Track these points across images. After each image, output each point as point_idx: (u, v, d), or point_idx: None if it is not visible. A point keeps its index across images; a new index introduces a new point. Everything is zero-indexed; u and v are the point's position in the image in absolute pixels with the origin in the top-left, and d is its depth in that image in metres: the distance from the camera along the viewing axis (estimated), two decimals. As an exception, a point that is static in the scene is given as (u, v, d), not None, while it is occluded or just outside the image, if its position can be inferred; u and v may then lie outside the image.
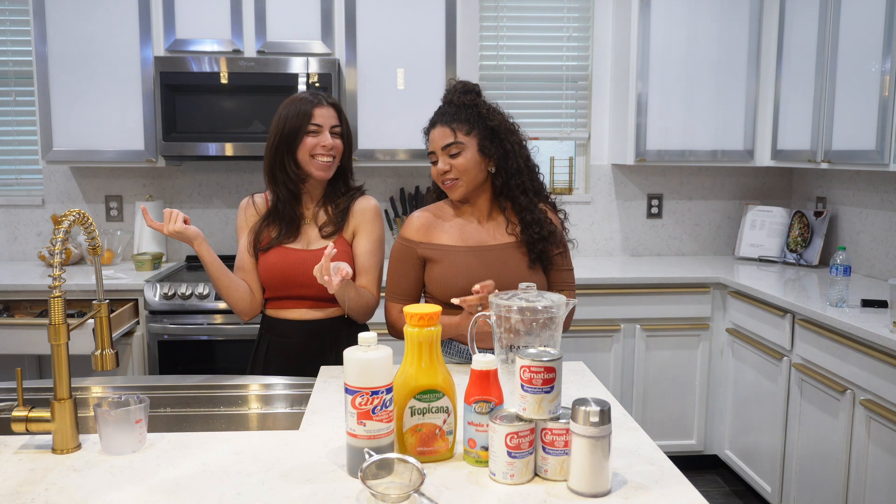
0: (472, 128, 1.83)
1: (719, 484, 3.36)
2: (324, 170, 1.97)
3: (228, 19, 3.24)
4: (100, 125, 3.27)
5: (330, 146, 1.96)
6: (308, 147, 1.94)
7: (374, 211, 2.04)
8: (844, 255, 2.61)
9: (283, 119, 1.95)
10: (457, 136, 1.82)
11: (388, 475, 1.17)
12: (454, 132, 1.82)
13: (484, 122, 1.85)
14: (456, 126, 1.83)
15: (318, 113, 1.94)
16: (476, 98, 1.88)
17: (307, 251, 1.98)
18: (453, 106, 1.86)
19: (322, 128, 1.95)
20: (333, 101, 2.00)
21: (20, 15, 3.56)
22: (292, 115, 1.94)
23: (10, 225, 3.66)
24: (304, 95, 1.98)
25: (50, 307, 1.32)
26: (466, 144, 1.82)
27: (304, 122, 1.93)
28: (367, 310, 1.99)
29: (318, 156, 1.95)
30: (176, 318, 3.03)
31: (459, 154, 1.82)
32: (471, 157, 1.82)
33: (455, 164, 1.82)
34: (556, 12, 3.79)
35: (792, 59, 3.30)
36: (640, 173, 3.86)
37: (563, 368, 1.24)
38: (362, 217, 2.03)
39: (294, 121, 1.93)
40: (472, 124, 1.84)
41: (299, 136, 1.93)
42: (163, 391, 1.77)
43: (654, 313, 3.28)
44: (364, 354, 1.21)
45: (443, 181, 1.85)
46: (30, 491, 1.18)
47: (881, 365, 2.26)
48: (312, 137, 1.94)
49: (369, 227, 2.03)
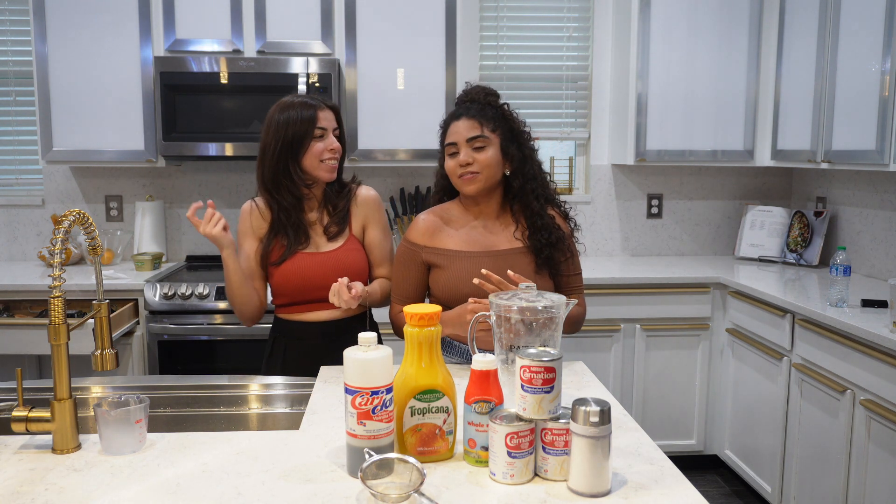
0: (496, 126, 1.85)
1: (719, 484, 3.36)
2: (331, 171, 1.98)
3: (228, 19, 3.25)
4: (100, 125, 3.27)
5: (337, 149, 1.97)
6: (317, 152, 1.93)
7: (377, 200, 2.08)
8: (844, 255, 2.61)
9: (283, 125, 1.92)
10: (483, 131, 1.83)
11: (388, 475, 1.17)
12: (481, 126, 1.83)
13: (508, 124, 1.87)
14: (482, 121, 1.84)
15: (322, 116, 1.94)
16: (498, 101, 1.91)
17: (321, 254, 1.99)
18: (477, 103, 1.88)
19: (327, 131, 1.95)
20: (332, 105, 2.00)
21: (20, 15, 3.56)
22: (295, 120, 1.91)
23: (10, 225, 3.66)
24: (302, 99, 1.96)
25: (50, 307, 1.32)
26: (491, 140, 1.84)
27: (310, 127, 1.92)
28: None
29: (326, 160, 1.95)
30: (176, 318, 3.03)
31: (484, 148, 1.82)
32: (493, 154, 1.83)
33: (478, 158, 1.82)
34: (556, 12, 3.79)
35: (792, 59, 3.30)
36: (640, 173, 3.86)
37: (563, 368, 1.24)
38: (367, 208, 2.05)
39: (299, 126, 1.91)
40: (497, 123, 1.86)
41: (306, 140, 1.92)
42: (163, 391, 1.77)
43: (654, 313, 3.28)
44: (364, 354, 1.21)
45: (461, 174, 1.83)
46: (30, 491, 1.18)
47: (881, 365, 2.26)
48: (320, 142, 1.94)
49: (377, 216, 2.06)
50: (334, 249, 1.99)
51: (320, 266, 1.96)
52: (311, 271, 1.96)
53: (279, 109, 1.95)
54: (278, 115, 1.94)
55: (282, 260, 1.97)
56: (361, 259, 2.03)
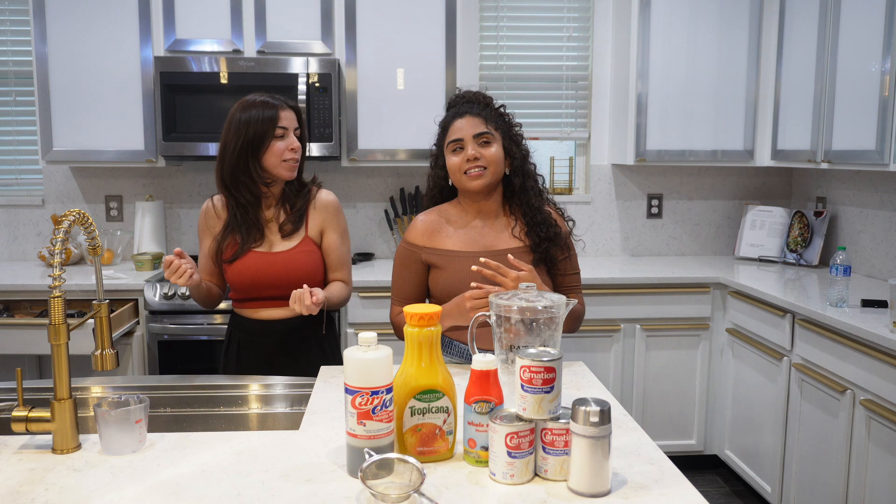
0: (497, 126, 1.89)
1: (719, 484, 3.36)
2: (292, 170, 2.00)
3: (228, 19, 3.25)
4: (100, 125, 3.27)
5: (297, 148, 1.99)
6: (277, 151, 1.96)
7: (336, 205, 2.10)
8: (844, 255, 2.61)
9: (245, 123, 1.94)
10: (488, 127, 1.86)
11: (388, 475, 1.17)
12: (486, 122, 1.87)
13: (507, 125, 1.92)
14: (487, 119, 1.88)
15: (283, 116, 1.97)
16: (493, 103, 1.95)
17: (274, 253, 2.01)
18: (478, 104, 1.92)
19: (288, 130, 1.98)
20: (294, 105, 2.03)
21: (20, 15, 3.56)
22: (256, 119, 1.94)
23: (10, 225, 3.66)
24: (263, 99, 1.98)
25: (50, 307, 1.32)
26: (496, 138, 1.87)
27: (270, 127, 1.95)
28: (345, 302, 2.10)
29: (287, 159, 1.97)
30: (176, 318, 3.03)
31: (490, 144, 1.85)
32: (498, 151, 1.87)
33: (485, 154, 1.84)
34: (556, 12, 3.79)
35: (792, 59, 3.30)
36: (640, 173, 3.86)
37: (563, 368, 1.24)
38: (326, 213, 2.07)
39: (260, 125, 1.94)
40: (498, 123, 1.90)
41: (266, 139, 1.95)
42: (163, 391, 1.77)
43: (654, 313, 3.28)
44: (364, 354, 1.21)
45: (468, 169, 1.84)
46: (30, 491, 1.18)
47: (881, 365, 2.26)
48: (280, 141, 1.96)
49: (335, 221, 2.08)
50: (287, 250, 2.01)
51: (271, 266, 1.98)
52: (263, 270, 1.98)
53: (241, 108, 1.97)
54: (240, 114, 1.96)
55: (234, 258, 2.00)
56: (314, 261, 2.04)
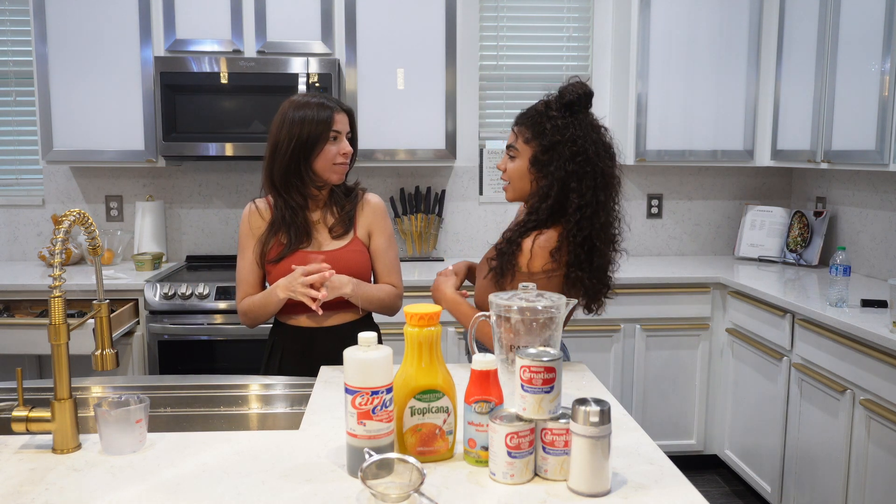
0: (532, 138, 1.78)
1: (719, 484, 3.36)
2: (342, 175, 1.96)
3: (228, 19, 3.24)
4: (100, 125, 3.27)
5: (349, 153, 1.95)
6: (330, 155, 1.90)
7: (383, 208, 2.06)
8: (844, 255, 2.61)
9: (298, 123, 1.87)
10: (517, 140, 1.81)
11: (388, 475, 1.17)
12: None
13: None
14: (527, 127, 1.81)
15: (337, 119, 1.91)
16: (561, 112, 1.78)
17: (324, 252, 1.95)
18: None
19: (341, 134, 1.93)
20: (347, 108, 1.97)
21: (20, 15, 3.56)
22: (311, 120, 1.87)
23: (10, 225, 3.66)
24: (318, 100, 1.91)
25: (50, 307, 1.32)
26: (521, 152, 1.79)
27: (325, 130, 1.88)
28: (392, 307, 2.03)
29: (339, 163, 1.93)
30: (176, 318, 3.03)
31: (517, 158, 1.80)
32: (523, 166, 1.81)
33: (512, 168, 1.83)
34: (556, 12, 3.79)
35: (792, 59, 3.30)
36: (640, 173, 3.86)
37: (562, 368, 1.24)
38: (374, 216, 2.03)
39: (314, 127, 1.87)
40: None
41: (320, 143, 1.88)
42: (163, 391, 1.77)
43: (653, 313, 3.28)
44: (364, 354, 1.21)
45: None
46: (30, 491, 1.18)
47: (881, 365, 2.26)
48: (333, 145, 1.91)
49: (382, 224, 2.04)
50: (338, 248, 1.96)
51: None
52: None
53: (294, 107, 1.90)
54: (293, 113, 1.89)
55: (280, 257, 1.93)
56: (364, 260, 2.00)
